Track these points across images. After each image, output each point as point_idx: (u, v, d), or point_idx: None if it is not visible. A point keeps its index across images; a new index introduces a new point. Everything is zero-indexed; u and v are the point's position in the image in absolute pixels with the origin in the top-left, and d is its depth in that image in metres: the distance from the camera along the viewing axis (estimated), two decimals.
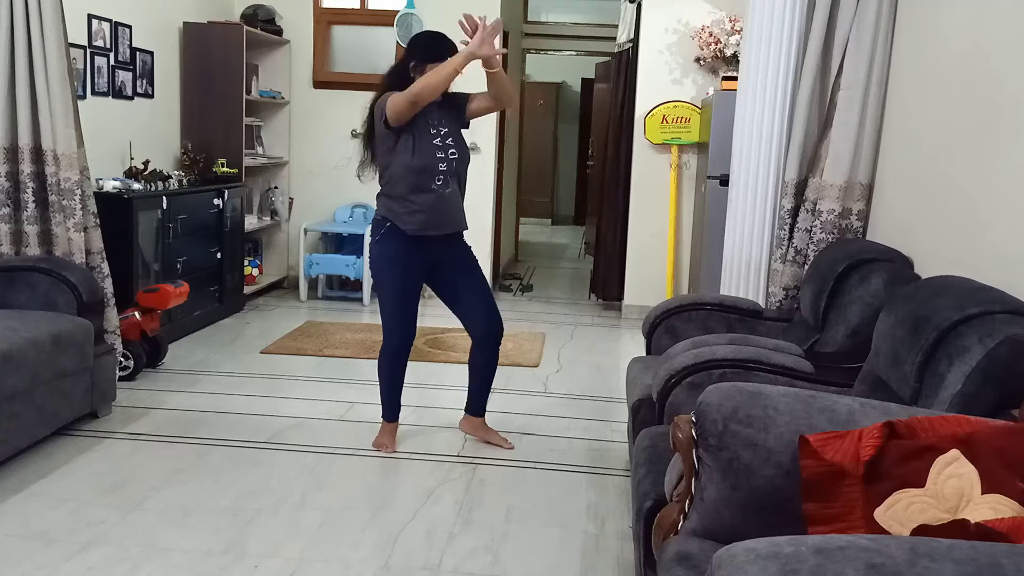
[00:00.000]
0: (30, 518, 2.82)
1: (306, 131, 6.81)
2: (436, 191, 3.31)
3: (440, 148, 3.32)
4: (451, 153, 3.34)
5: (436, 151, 3.31)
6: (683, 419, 1.83)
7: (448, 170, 3.33)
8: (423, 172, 3.29)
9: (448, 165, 3.33)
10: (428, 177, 3.30)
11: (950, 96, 2.87)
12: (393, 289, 3.42)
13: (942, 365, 2.01)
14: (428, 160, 3.29)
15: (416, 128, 3.27)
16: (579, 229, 11.70)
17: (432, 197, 3.31)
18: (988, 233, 2.50)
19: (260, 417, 3.88)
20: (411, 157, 3.27)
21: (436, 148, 3.31)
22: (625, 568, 2.66)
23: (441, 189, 3.32)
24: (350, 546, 2.72)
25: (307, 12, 6.78)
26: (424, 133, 3.30)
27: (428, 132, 3.31)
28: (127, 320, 4.31)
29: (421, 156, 3.28)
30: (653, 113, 6.09)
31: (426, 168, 3.29)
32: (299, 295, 6.53)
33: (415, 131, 3.27)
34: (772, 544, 1.27)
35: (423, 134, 3.30)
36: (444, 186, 3.33)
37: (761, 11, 3.56)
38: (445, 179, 3.33)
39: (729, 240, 3.82)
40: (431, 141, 3.31)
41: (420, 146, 3.28)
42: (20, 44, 3.70)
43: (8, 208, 3.81)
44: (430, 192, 3.31)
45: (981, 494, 1.47)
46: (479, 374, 3.61)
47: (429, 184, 3.30)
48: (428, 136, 3.31)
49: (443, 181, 3.32)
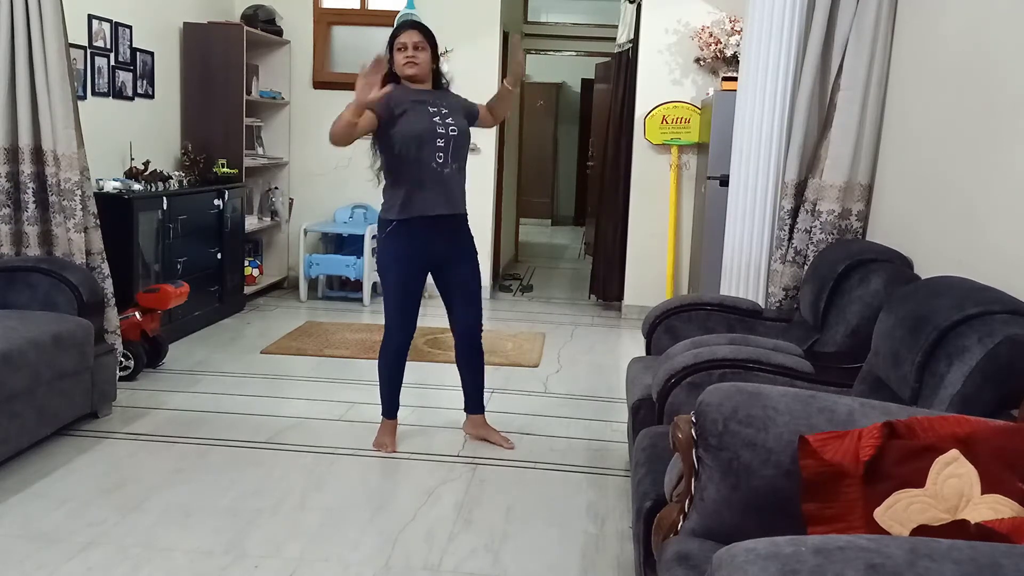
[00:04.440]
0: (30, 518, 2.82)
1: (306, 131, 6.81)
2: (435, 169, 3.33)
3: (440, 124, 3.34)
4: (451, 129, 3.36)
5: (436, 126, 3.33)
6: (683, 419, 1.83)
7: (446, 146, 3.34)
8: (421, 142, 3.29)
9: (446, 141, 3.34)
10: (428, 150, 3.31)
11: (950, 96, 2.87)
12: (397, 285, 3.45)
13: (942, 365, 2.01)
14: (426, 126, 3.30)
15: (415, 109, 3.31)
16: (579, 229, 11.70)
17: (432, 175, 3.33)
18: (988, 233, 2.51)
19: (260, 417, 3.88)
20: (409, 126, 3.29)
21: (436, 124, 3.33)
22: (625, 568, 2.66)
23: (440, 168, 3.34)
24: (350, 546, 2.73)
25: (307, 12, 6.78)
26: (423, 111, 3.34)
27: (427, 110, 3.35)
28: (127, 320, 4.32)
29: (419, 123, 3.30)
30: (653, 113, 6.09)
31: (424, 136, 3.29)
32: (299, 295, 6.53)
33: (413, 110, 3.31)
34: (772, 544, 1.27)
35: (422, 112, 3.33)
36: (444, 165, 3.35)
37: (761, 11, 3.57)
38: (445, 157, 3.34)
39: (729, 240, 3.82)
40: (431, 118, 3.34)
41: (418, 117, 3.31)
42: (20, 45, 3.70)
43: (8, 209, 3.82)
44: (429, 169, 3.32)
45: (981, 494, 1.47)
46: (465, 371, 3.67)
47: (429, 161, 3.31)
48: (427, 113, 3.35)
49: (443, 159, 3.34)
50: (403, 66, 3.36)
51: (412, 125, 3.30)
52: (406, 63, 3.36)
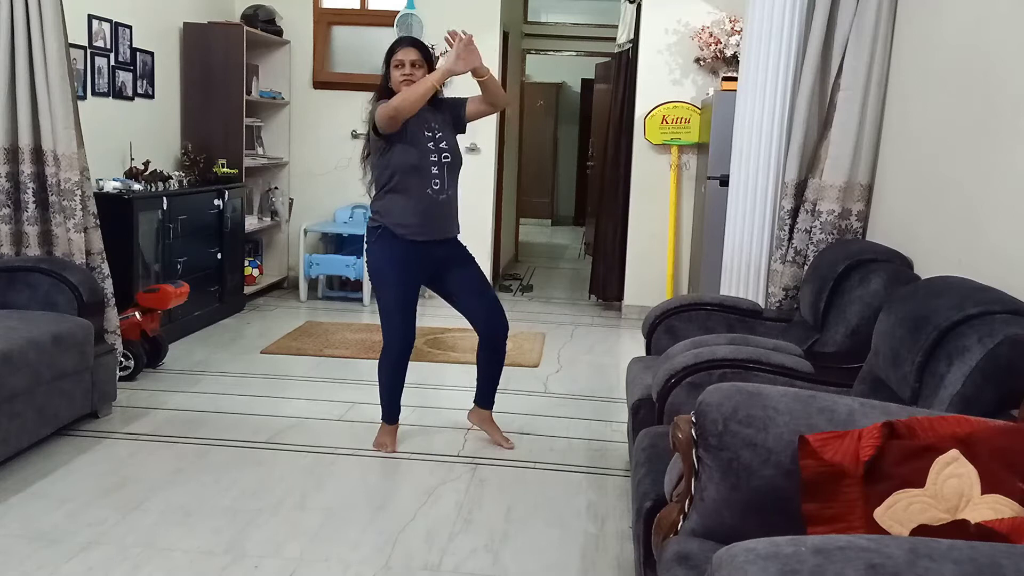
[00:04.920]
0: (31, 518, 2.82)
1: (306, 132, 6.81)
2: (431, 196, 3.34)
3: (433, 151, 3.35)
4: (444, 156, 3.37)
5: (430, 153, 3.34)
6: (683, 419, 1.83)
7: (441, 173, 3.35)
8: (417, 172, 3.31)
9: (440, 169, 3.35)
10: (423, 179, 3.32)
11: (950, 96, 2.87)
12: (391, 293, 3.43)
13: (942, 365, 2.01)
14: (422, 159, 3.31)
15: (410, 130, 3.30)
16: (579, 229, 11.69)
17: (426, 202, 3.34)
18: (988, 233, 2.51)
19: (260, 417, 3.88)
20: (405, 156, 3.30)
21: (430, 151, 3.34)
22: (625, 568, 2.66)
23: (436, 195, 3.35)
24: (350, 546, 2.73)
25: (307, 12, 6.78)
26: (419, 134, 3.33)
27: (423, 134, 3.34)
28: (127, 320, 4.32)
29: (415, 155, 3.31)
30: (653, 114, 6.09)
31: (420, 167, 3.31)
32: (299, 295, 6.53)
33: (409, 133, 3.30)
34: (772, 544, 1.27)
35: (418, 136, 3.33)
36: (439, 192, 3.36)
37: (761, 11, 3.57)
38: (441, 184, 3.36)
39: (729, 240, 3.82)
40: (426, 144, 3.34)
41: (414, 146, 3.31)
42: (20, 45, 3.70)
43: (8, 209, 3.82)
44: (425, 197, 3.33)
45: (981, 494, 1.47)
46: (484, 370, 3.66)
47: (424, 188, 3.33)
48: (423, 138, 3.34)
49: (439, 186, 3.35)
50: (400, 83, 3.33)
51: (408, 156, 3.30)
52: (403, 80, 3.32)
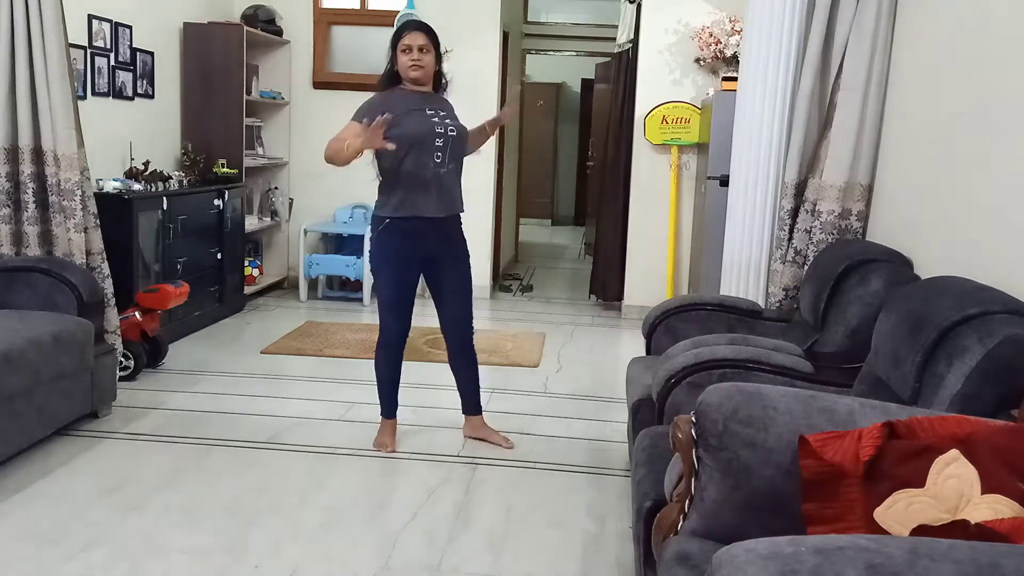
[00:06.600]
0: (30, 518, 2.82)
1: (306, 132, 6.81)
2: (435, 169, 3.33)
3: (439, 124, 3.35)
4: (450, 130, 3.36)
5: (435, 127, 3.33)
6: (683, 419, 1.83)
7: (445, 146, 3.34)
8: (420, 143, 3.30)
9: (445, 141, 3.34)
10: (427, 151, 3.31)
11: (950, 96, 2.87)
12: (390, 283, 3.44)
13: (942, 365, 2.01)
14: (426, 127, 3.30)
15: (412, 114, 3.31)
16: (579, 229, 11.69)
17: (431, 175, 3.33)
18: (988, 233, 2.51)
19: (260, 417, 3.88)
20: (409, 127, 3.27)
21: (435, 124, 3.34)
22: (625, 568, 2.66)
23: (438, 168, 3.34)
24: (350, 546, 2.73)
25: (307, 12, 6.78)
26: (421, 114, 3.34)
27: (425, 113, 3.35)
28: (127, 320, 4.32)
29: (419, 125, 3.30)
30: (653, 114, 6.09)
31: (424, 137, 3.30)
32: (299, 295, 6.53)
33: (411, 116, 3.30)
34: (772, 544, 1.27)
35: (420, 115, 3.33)
36: (442, 165, 3.35)
37: (761, 11, 3.57)
38: (444, 157, 3.35)
39: (729, 240, 3.82)
40: (430, 119, 3.34)
41: (417, 120, 3.31)
42: (20, 45, 3.70)
43: (8, 209, 3.82)
44: (429, 171, 3.32)
45: (981, 494, 1.47)
46: (462, 375, 3.66)
47: (428, 161, 3.32)
48: (425, 115, 3.35)
49: (442, 159, 3.34)
50: (408, 68, 3.34)
51: (411, 127, 3.29)
52: (411, 66, 3.33)
